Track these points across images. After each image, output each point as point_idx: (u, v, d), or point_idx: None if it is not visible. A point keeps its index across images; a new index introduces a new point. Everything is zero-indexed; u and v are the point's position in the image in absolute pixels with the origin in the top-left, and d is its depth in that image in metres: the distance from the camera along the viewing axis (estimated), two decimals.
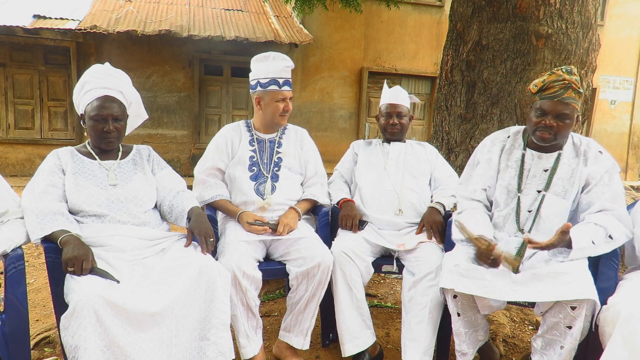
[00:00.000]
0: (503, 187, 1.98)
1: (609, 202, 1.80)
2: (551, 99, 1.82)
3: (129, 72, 2.08)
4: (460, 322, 1.86)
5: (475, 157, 2.12)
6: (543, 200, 1.89)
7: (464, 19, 3.45)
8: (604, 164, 1.86)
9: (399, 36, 9.34)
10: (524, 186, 1.94)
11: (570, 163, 1.90)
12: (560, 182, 1.89)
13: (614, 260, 1.76)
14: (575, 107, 1.82)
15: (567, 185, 1.88)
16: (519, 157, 1.97)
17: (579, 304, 1.59)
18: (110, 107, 1.84)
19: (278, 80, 2.20)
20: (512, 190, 1.96)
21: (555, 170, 1.90)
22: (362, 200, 2.37)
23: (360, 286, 2.10)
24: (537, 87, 1.88)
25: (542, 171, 1.92)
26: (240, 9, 9.22)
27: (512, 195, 1.96)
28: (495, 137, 2.09)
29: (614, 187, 1.83)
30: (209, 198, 2.22)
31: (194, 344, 1.63)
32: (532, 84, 1.91)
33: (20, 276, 1.63)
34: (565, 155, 1.91)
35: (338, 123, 9.33)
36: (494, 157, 2.03)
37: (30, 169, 7.66)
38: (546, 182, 1.90)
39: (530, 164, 1.95)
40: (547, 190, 1.89)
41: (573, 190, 1.87)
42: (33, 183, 1.80)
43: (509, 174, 1.98)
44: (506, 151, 2.02)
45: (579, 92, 1.82)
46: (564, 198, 1.88)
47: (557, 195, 1.88)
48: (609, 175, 1.85)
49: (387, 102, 2.46)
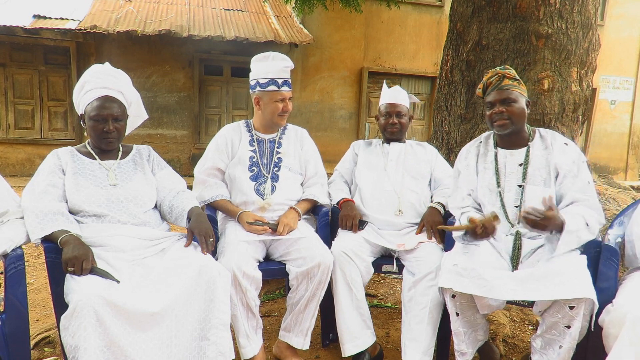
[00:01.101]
0: (485, 188, 2.06)
1: (579, 192, 1.86)
2: (492, 90, 2.00)
3: (129, 72, 2.08)
4: (459, 321, 1.86)
5: (456, 169, 2.21)
6: (524, 193, 1.96)
7: (464, 19, 3.45)
8: (570, 155, 1.94)
9: (399, 36, 9.34)
10: (505, 183, 2.01)
11: (541, 154, 1.98)
12: (537, 172, 1.96)
13: (613, 260, 1.76)
14: (518, 92, 1.97)
15: (544, 174, 1.95)
16: (493, 157, 2.07)
17: (577, 303, 1.59)
18: (111, 107, 1.84)
19: (277, 81, 2.20)
20: (492, 189, 2.03)
21: (528, 163, 1.98)
22: (362, 201, 2.37)
23: (360, 286, 2.10)
24: (480, 89, 2.07)
25: (517, 166, 2.00)
26: (240, 9, 9.22)
27: (494, 194, 2.02)
28: (470, 145, 2.21)
29: (583, 177, 1.90)
30: (209, 198, 2.22)
31: (194, 344, 1.63)
32: (477, 89, 2.09)
33: (20, 276, 1.63)
34: (534, 147, 2.00)
35: (338, 123, 9.33)
36: (471, 163, 2.14)
37: (30, 169, 7.66)
38: (522, 175, 1.98)
39: (504, 161, 2.03)
40: (525, 182, 1.97)
41: (551, 179, 1.94)
42: (33, 183, 1.80)
43: (487, 175, 2.06)
44: (481, 155, 2.12)
45: (516, 79, 1.99)
46: (544, 186, 1.94)
47: (537, 185, 1.95)
48: (576, 166, 1.91)
49: (386, 102, 2.47)
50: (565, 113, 3.18)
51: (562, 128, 3.16)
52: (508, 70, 2.01)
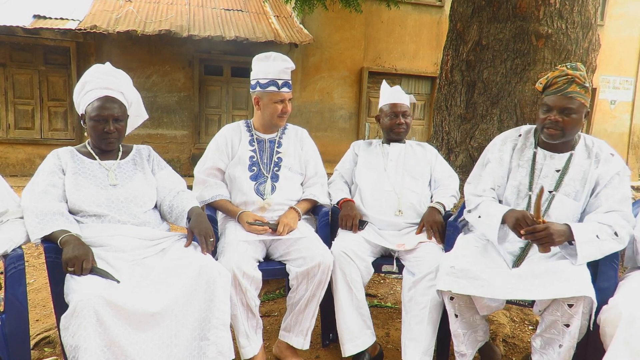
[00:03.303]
0: (514, 187, 1.96)
1: (617, 204, 1.78)
2: (555, 94, 1.82)
3: (129, 72, 2.08)
4: (459, 323, 1.86)
5: (485, 156, 2.09)
6: (552, 201, 1.87)
7: (464, 19, 3.45)
8: (614, 166, 1.84)
9: (399, 36, 9.34)
10: (535, 186, 1.91)
11: (582, 164, 1.87)
12: (572, 182, 1.86)
13: (614, 260, 1.76)
14: (582, 102, 1.80)
15: (578, 186, 1.85)
16: (531, 157, 1.95)
17: (576, 302, 1.59)
18: (111, 108, 1.84)
19: (277, 82, 2.20)
20: (522, 190, 1.94)
21: (567, 170, 1.87)
22: (362, 201, 2.37)
23: (360, 286, 2.10)
24: (542, 84, 1.88)
25: (554, 171, 1.89)
26: (240, 9, 9.22)
27: (522, 195, 1.94)
28: (507, 135, 2.06)
29: (623, 190, 1.81)
30: (209, 198, 2.22)
31: (194, 343, 1.63)
32: (537, 82, 1.91)
33: (20, 276, 1.63)
34: (577, 155, 1.89)
35: (338, 123, 9.33)
36: (505, 156, 2.00)
37: (30, 169, 7.66)
38: (556, 182, 1.87)
39: (542, 164, 1.92)
40: (557, 191, 1.87)
41: (584, 192, 1.85)
42: (33, 183, 1.80)
43: (520, 174, 1.95)
44: (518, 150, 1.99)
45: (584, 87, 1.80)
46: (574, 199, 1.85)
47: (567, 195, 1.86)
48: (619, 178, 1.83)
49: (389, 102, 2.46)
50: None
51: None
52: (579, 72, 1.79)
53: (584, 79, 1.80)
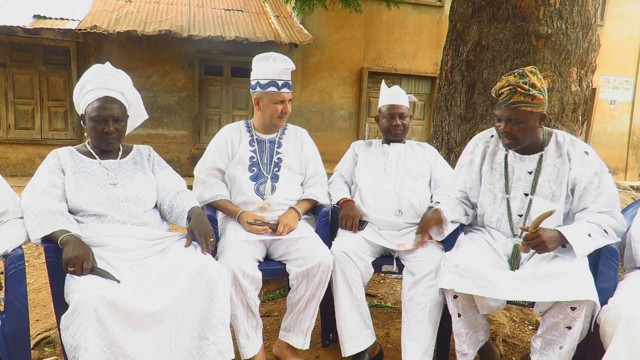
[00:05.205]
0: (488, 191, 1.97)
1: (604, 207, 1.80)
2: (500, 105, 1.83)
3: (129, 72, 2.08)
4: (461, 322, 1.86)
5: (460, 160, 2.12)
6: (531, 204, 1.88)
7: (464, 19, 3.45)
8: (591, 167, 1.82)
9: (399, 36, 9.34)
10: (511, 189, 1.92)
11: (554, 164, 1.87)
12: (547, 184, 1.86)
13: (613, 260, 1.76)
14: (528, 111, 1.76)
15: (554, 186, 1.85)
16: (503, 159, 1.96)
17: (579, 305, 1.59)
18: (111, 108, 1.84)
19: (277, 82, 2.20)
20: (498, 194, 1.96)
21: (539, 172, 1.87)
22: (362, 201, 2.37)
23: (360, 286, 2.10)
24: (494, 94, 1.89)
25: (526, 173, 1.90)
26: (240, 9, 9.22)
27: (499, 199, 1.95)
28: (480, 137, 2.08)
29: (608, 191, 1.81)
30: (209, 198, 2.22)
31: (194, 343, 1.63)
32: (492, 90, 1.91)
33: (21, 276, 1.63)
34: (547, 156, 1.88)
35: (338, 123, 9.33)
36: (476, 159, 2.03)
37: (30, 169, 7.66)
38: (531, 185, 1.88)
39: (514, 166, 1.93)
40: (533, 194, 1.88)
41: (562, 192, 1.85)
42: (33, 183, 1.80)
43: (494, 177, 1.97)
44: (490, 153, 2.00)
45: (529, 95, 1.75)
46: (552, 200, 1.85)
47: (544, 198, 1.86)
48: (598, 179, 1.82)
49: (388, 103, 2.46)
50: (565, 113, 3.18)
51: (562, 128, 3.16)
52: (523, 80, 1.76)
53: (528, 86, 1.75)
